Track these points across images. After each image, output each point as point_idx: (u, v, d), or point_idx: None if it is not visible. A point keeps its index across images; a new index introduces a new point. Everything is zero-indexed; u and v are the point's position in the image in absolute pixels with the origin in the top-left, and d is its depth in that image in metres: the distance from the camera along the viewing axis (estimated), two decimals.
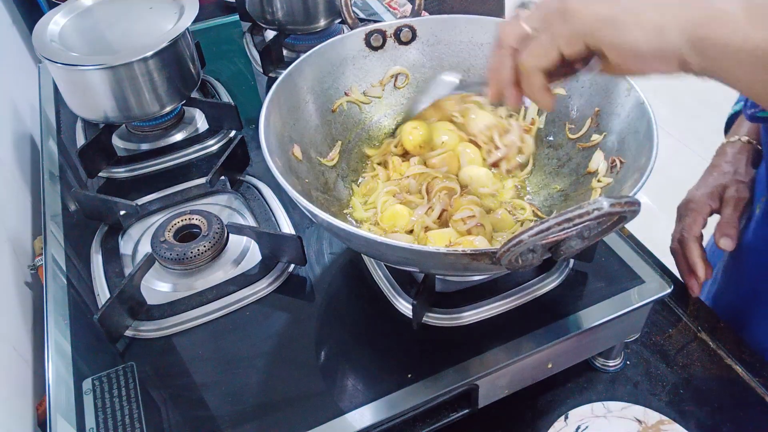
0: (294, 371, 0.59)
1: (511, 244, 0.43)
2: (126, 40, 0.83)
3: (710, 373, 0.68)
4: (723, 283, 0.84)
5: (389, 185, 0.69)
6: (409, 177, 0.68)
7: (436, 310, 0.62)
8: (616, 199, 0.40)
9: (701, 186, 0.79)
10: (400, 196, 0.67)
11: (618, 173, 0.62)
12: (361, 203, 0.69)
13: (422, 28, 0.76)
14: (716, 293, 0.85)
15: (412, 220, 0.64)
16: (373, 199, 0.69)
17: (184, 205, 0.79)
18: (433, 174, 0.68)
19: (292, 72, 0.68)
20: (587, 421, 0.62)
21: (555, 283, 0.64)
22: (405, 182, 0.68)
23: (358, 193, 0.71)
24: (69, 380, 0.59)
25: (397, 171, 0.71)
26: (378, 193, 0.69)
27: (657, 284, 0.63)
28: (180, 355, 0.61)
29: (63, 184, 0.84)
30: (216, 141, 0.89)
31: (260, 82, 1.04)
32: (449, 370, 0.57)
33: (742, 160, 0.79)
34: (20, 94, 1.09)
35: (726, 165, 0.79)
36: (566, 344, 0.60)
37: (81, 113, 0.87)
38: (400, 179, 0.69)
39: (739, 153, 0.80)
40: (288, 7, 1.03)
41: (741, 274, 0.80)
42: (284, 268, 0.69)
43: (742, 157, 0.79)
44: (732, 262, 0.82)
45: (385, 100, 0.77)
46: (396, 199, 0.67)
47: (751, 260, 0.77)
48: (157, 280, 0.69)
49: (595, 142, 0.67)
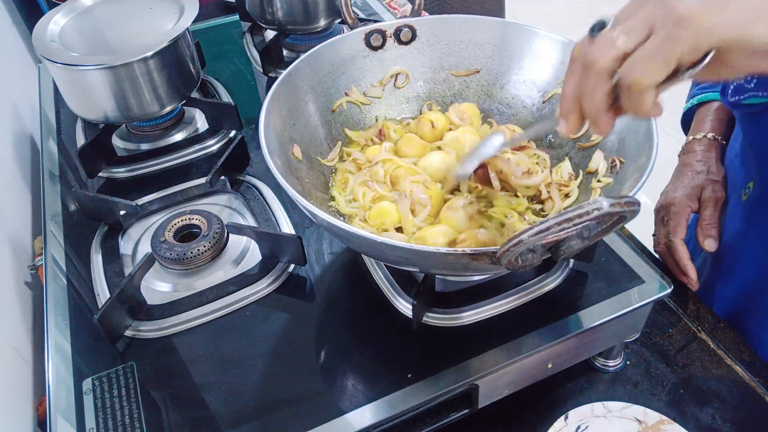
0: (294, 371, 0.59)
1: (511, 244, 0.43)
2: (126, 40, 0.83)
3: (710, 373, 0.68)
4: (711, 275, 0.85)
5: (361, 175, 0.69)
6: (378, 163, 0.68)
7: (436, 310, 0.62)
8: (616, 199, 0.40)
9: (678, 187, 0.79)
10: (371, 184, 0.67)
11: (618, 173, 0.62)
12: (341, 196, 0.68)
13: (422, 28, 0.76)
14: (705, 284, 0.85)
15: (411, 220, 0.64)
16: (350, 191, 0.68)
17: (184, 205, 0.78)
18: (398, 162, 0.68)
19: (292, 72, 0.68)
20: (587, 421, 0.62)
21: (555, 283, 0.64)
22: (375, 169, 0.68)
23: (336, 185, 0.70)
24: (69, 380, 0.59)
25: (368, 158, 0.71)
26: (353, 184, 0.68)
27: (657, 284, 0.63)
28: (180, 355, 0.61)
29: (63, 184, 0.84)
30: (216, 141, 0.89)
31: (260, 82, 1.04)
32: (449, 370, 0.57)
33: (712, 158, 0.80)
34: (20, 94, 1.09)
35: (698, 164, 0.80)
36: (566, 344, 0.60)
37: (81, 113, 0.87)
38: (370, 166, 0.69)
39: (708, 151, 0.81)
40: (288, 7, 1.03)
41: (732, 264, 0.80)
42: (284, 268, 0.69)
43: (711, 155, 0.81)
44: (721, 254, 0.83)
45: (385, 100, 0.77)
46: (368, 188, 0.67)
47: (743, 247, 0.78)
48: (157, 280, 0.69)
49: (595, 142, 0.67)
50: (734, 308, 0.79)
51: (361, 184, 0.67)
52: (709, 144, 0.81)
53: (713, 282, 0.84)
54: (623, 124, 0.63)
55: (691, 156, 0.82)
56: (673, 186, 0.80)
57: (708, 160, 0.80)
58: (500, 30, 0.74)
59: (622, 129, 0.63)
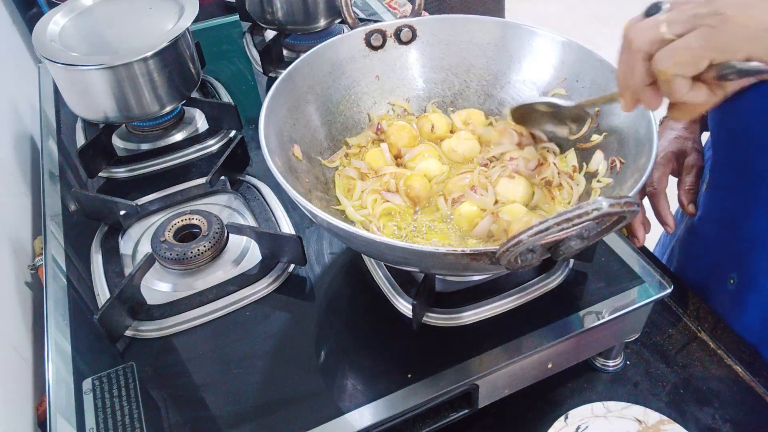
0: (294, 371, 0.59)
1: (510, 244, 0.43)
2: (126, 40, 0.83)
3: (710, 373, 0.68)
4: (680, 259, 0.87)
5: (371, 183, 0.68)
6: (386, 174, 0.68)
7: (436, 310, 0.62)
8: (616, 200, 0.40)
9: (663, 143, 0.80)
10: (385, 194, 0.67)
11: (618, 173, 0.62)
12: (346, 199, 0.68)
13: (422, 28, 0.76)
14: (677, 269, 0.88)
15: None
16: (359, 198, 0.68)
17: (184, 205, 0.78)
18: (405, 173, 0.68)
19: (292, 72, 0.68)
20: (587, 421, 0.62)
21: (555, 283, 0.64)
22: (385, 179, 0.68)
23: (340, 187, 0.70)
24: (69, 380, 0.59)
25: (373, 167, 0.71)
26: (363, 192, 0.68)
27: (657, 284, 0.63)
28: (180, 355, 0.61)
29: (63, 184, 0.84)
30: (216, 141, 0.89)
31: (260, 82, 1.04)
32: (449, 370, 0.57)
33: (696, 129, 0.82)
34: (20, 94, 1.09)
35: (684, 131, 0.81)
36: (566, 344, 0.60)
37: (81, 113, 0.87)
38: (379, 176, 0.69)
39: (693, 122, 0.82)
40: (288, 7, 1.03)
41: (698, 248, 0.83)
42: (284, 268, 0.69)
43: (695, 126, 0.82)
44: (687, 239, 0.85)
45: (385, 100, 0.77)
46: (381, 197, 0.67)
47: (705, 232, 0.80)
48: (157, 280, 0.69)
49: (595, 142, 0.67)
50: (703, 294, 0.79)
51: (373, 192, 0.67)
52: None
53: (683, 263, 0.86)
54: (624, 125, 0.63)
55: (677, 122, 0.83)
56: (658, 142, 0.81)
57: (693, 129, 0.81)
58: (500, 30, 0.74)
59: (622, 129, 0.63)
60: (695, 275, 0.82)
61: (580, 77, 0.69)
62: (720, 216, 0.76)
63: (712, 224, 0.78)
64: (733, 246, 0.74)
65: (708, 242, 0.80)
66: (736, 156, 0.72)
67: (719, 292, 0.77)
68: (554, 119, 0.69)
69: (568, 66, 0.70)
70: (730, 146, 0.73)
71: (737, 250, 0.74)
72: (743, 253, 0.72)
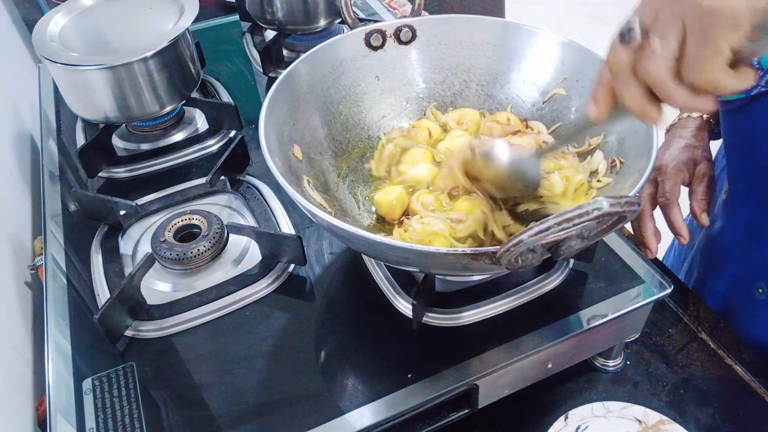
0: (294, 371, 0.59)
1: (510, 244, 0.43)
2: (126, 40, 0.83)
3: (710, 373, 0.68)
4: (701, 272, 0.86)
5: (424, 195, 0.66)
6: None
7: (436, 310, 0.62)
8: (616, 199, 0.40)
9: (673, 152, 0.79)
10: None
11: (618, 173, 0.62)
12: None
13: (422, 28, 0.76)
14: (696, 283, 0.86)
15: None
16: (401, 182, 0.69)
17: (184, 205, 0.78)
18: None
19: (292, 72, 0.68)
20: (587, 421, 0.62)
21: (555, 283, 0.64)
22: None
23: (377, 158, 0.73)
24: (69, 380, 0.59)
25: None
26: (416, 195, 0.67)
27: (657, 284, 0.63)
28: (180, 355, 0.61)
29: (63, 184, 0.84)
30: (216, 141, 0.89)
31: (260, 82, 1.04)
32: (449, 370, 0.57)
33: (705, 138, 0.81)
34: (20, 94, 1.09)
35: (693, 139, 0.80)
36: (566, 344, 0.60)
37: (81, 113, 0.87)
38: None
39: (701, 130, 0.81)
40: (288, 7, 1.03)
41: (720, 260, 0.81)
42: (284, 268, 0.69)
43: (704, 135, 0.81)
44: (708, 249, 0.84)
45: (386, 100, 0.77)
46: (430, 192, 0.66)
47: (725, 243, 0.79)
48: (157, 280, 0.69)
49: (594, 145, 0.67)
50: (726, 303, 0.79)
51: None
52: (701, 123, 0.82)
53: (704, 273, 0.85)
54: (624, 125, 0.63)
55: (685, 130, 0.82)
56: (668, 150, 0.80)
57: (702, 139, 0.81)
58: (500, 30, 0.74)
59: (622, 129, 0.63)
60: (718, 285, 0.81)
61: (580, 77, 0.69)
62: (743, 225, 0.75)
63: (735, 233, 0.77)
64: (758, 255, 0.73)
65: (731, 252, 0.78)
66: (752, 163, 0.71)
67: (746, 302, 0.76)
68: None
69: (568, 66, 0.70)
70: (745, 154, 0.72)
71: (763, 259, 0.73)
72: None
